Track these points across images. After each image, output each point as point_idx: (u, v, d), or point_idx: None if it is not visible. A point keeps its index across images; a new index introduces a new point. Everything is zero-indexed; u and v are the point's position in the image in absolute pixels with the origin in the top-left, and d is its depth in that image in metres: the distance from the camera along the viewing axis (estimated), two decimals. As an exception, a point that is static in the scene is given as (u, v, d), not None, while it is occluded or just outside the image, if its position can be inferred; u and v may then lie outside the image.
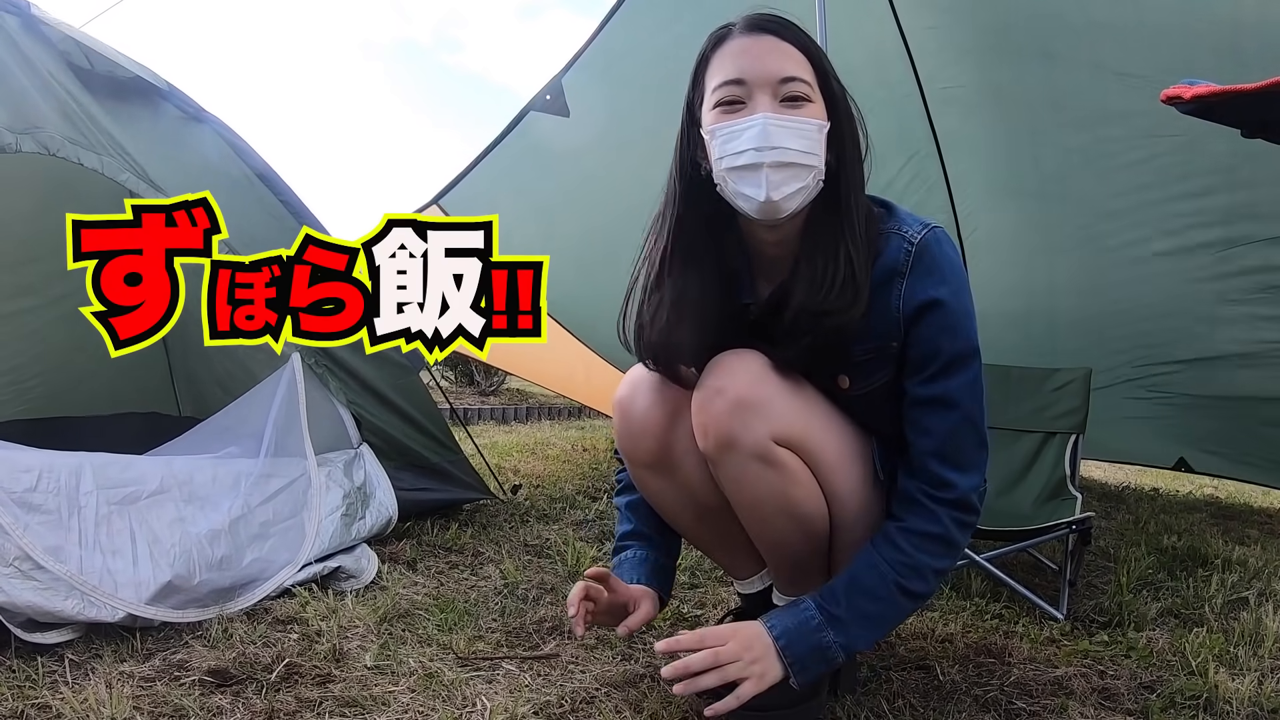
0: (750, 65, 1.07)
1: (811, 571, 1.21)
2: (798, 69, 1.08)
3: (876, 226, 1.13)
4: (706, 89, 1.11)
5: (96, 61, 1.83)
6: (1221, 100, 1.16)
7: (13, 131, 1.53)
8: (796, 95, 1.07)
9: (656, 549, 1.32)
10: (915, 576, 1.10)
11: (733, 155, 1.06)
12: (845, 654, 1.09)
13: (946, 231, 1.13)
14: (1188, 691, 1.34)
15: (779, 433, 1.09)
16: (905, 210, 1.16)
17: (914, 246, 1.10)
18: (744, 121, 1.05)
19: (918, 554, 1.10)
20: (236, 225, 1.92)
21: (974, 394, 1.11)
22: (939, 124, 3.10)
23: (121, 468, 1.56)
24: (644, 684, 1.28)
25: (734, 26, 1.12)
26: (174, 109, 1.99)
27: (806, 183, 1.06)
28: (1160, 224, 2.86)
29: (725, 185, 1.09)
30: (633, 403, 1.22)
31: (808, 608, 1.09)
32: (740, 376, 1.10)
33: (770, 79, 1.06)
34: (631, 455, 1.25)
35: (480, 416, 5.63)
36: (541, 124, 2.99)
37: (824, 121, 1.08)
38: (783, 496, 1.12)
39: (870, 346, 1.12)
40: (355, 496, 1.91)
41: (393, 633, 1.45)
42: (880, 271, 1.10)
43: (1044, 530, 1.84)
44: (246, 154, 2.07)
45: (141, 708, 1.13)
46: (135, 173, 1.73)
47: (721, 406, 1.09)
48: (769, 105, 1.05)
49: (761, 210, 1.06)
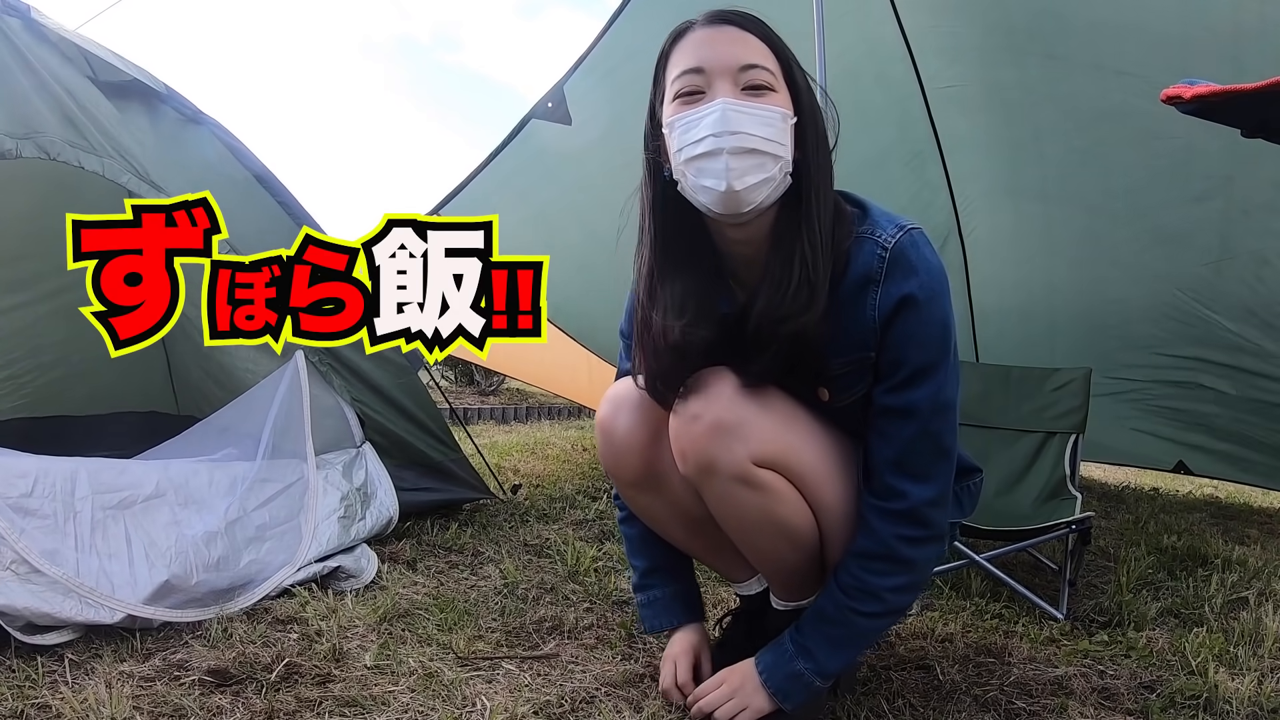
0: (710, 53, 1.03)
1: (807, 577, 1.20)
2: (759, 57, 1.03)
3: (847, 226, 1.08)
4: (666, 84, 1.07)
5: (96, 64, 1.84)
6: (1221, 100, 1.15)
7: (13, 137, 1.53)
8: (759, 84, 1.02)
9: (678, 578, 1.33)
10: (867, 599, 1.09)
11: (691, 144, 1.01)
12: (821, 678, 1.11)
13: (924, 233, 1.08)
14: (1188, 691, 1.34)
15: (758, 454, 1.07)
16: (882, 210, 1.10)
17: (888, 252, 1.04)
18: (703, 109, 1.01)
19: (865, 575, 1.09)
20: (236, 227, 1.92)
21: (937, 405, 1.06)
22: (940, 123, 3.10)
23: (117, 472, 1.56)
24: (644, 684, 1.28)
25: (694, 21, 1.08)
26: (172, 111, 1.99)
27: (772, 173, 1.01)
28: (1159, 224, 2.86)
29: (685, 180, 1.04)
30: (615, 422, 1.21)
31: (785, 639, 1.15)
32: (717, 399, 1.07)
33: (730, 66, 1.02)
34: (617, 474, 1.25)
35: (480, 416, 5.63)
36: (543, 131, 2.98)
37: (789, 112, 1.03)
38: (768, 516, 1.11)
39: (848, 359, 1.08)
40: (354, 498, 1.91)
41: (393, 632, 1.45)
42: (853, 280, 1.06)
43: (1044, 530, 1.84)
44: (244, 156, 2.07)
45: (141, 708, 1.13)
46: (137, 174, 1.73)
47: (699, 431, 1.07)
48: (730, 91, 1.01)
49: (723, 202, 1.01)
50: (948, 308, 1.08)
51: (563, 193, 3.22)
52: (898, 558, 1.08)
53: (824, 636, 1.11)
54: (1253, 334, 2.88)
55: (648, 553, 1.33)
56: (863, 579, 1.09)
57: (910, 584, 1.12)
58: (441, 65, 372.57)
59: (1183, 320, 3.02)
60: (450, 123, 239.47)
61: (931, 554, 1.13)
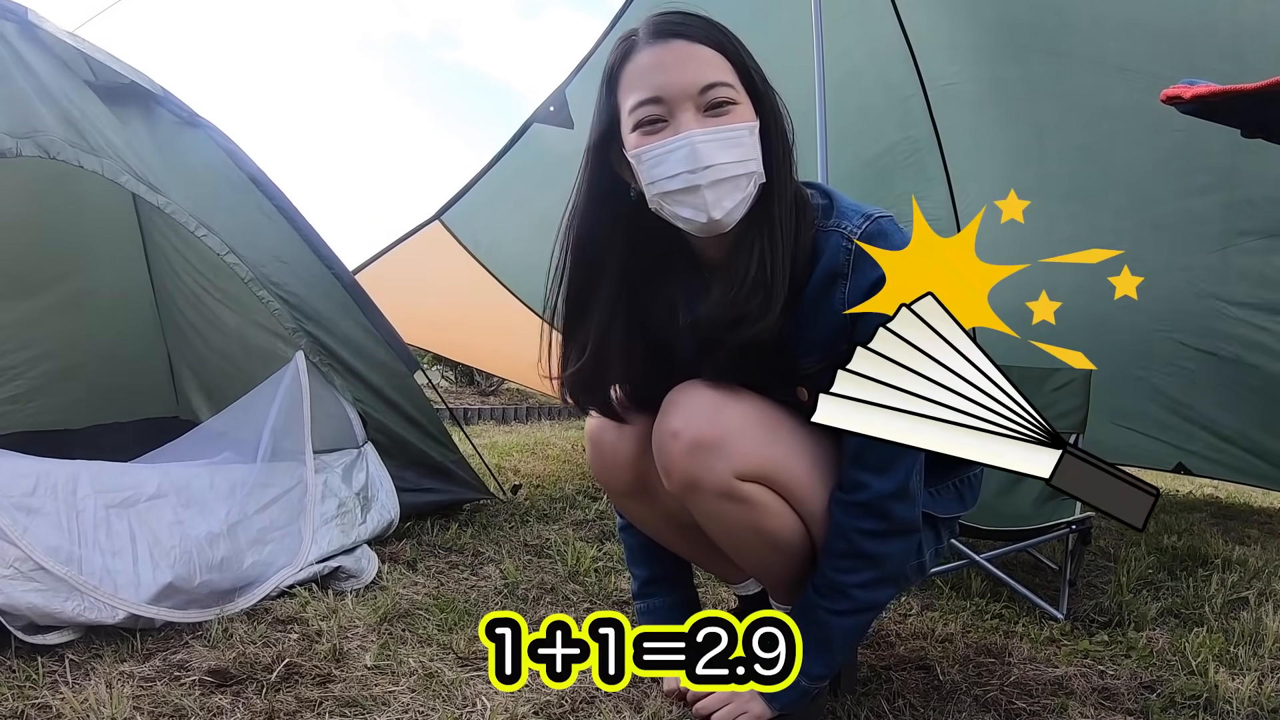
0: (665, 80, 0.99)
1: (802, 580, 1.19)
2: (717, 73, 1.00)
3: (809, 219, 1.06)
4: (622, 108, 1.04)
5: (94, 66, 1.84)
6: (1221, 100, 1.15)
7: (13, 136, 1.53)
8: (720, 101, 0.99)
9: (678, 587, 1.33)
10: (836, 597, 1.09)
11: (664, 180, 1.00)
12: (807, 679, 1.10)
13: (894, 220, 1.05)
14: (1188, 691, 1.34)
15: (741, 468, 1.06)
16: (849, 202, 1.08)
17: (854, 245, 1.02)
18: (669, 143, 0.99)
19: (832, 573, 1.09)
20: (235, 228, 1.94)
21: None
22: (940, 121, 3.10)
23: (118, 474, 1.57)
24: (644, 684, 1.28)
25: (638, 34, 1.03)
26: (169, 114, 2.00)
27: (748, 190, 1.01)
28: (1160, 223, 2.85)
29: (661, 209, 1.03)
30: (603, 435, 1.21)
31: None
32: (696, 416, 1.06)
33: (689, 91, 0.99)
34: (608, 485, 1.25)
35: (480, 416, 5.63)
36: (546, 135, 2.97)
37: (753, 121, 1.02)
38: (756, 528, 1.10)
39: (820, 355, 1.06)
40: (354, 502, 1.91)
41: (393, 633, 1.45)
42: (820, 276, 1.04)
43: (1044, 530, 1.84)
44: (240, 159, 2.08)
45: (141, 708, 1.13)
46: (134, 175, 1.73)
47: (679, 450, 1.06)
48: (693, 120, 0.98)
49: (704, 230, 1.01)
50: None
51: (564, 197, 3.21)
52: (861, 553, 1.07)
53: (806, 637, 1.09)
54: (1256, 332, 2.87)
55: (647, 562, 1.33)
56: (830, 577, 1.09)
57: (878, 580, 1.09)
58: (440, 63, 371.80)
59: (1184, 318, 3.02)
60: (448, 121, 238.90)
61: (898, 549, 1.10)
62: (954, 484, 1.25)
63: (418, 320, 3.23)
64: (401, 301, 2.86)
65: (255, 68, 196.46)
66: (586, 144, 1.11)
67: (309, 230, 2.13)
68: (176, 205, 1.81)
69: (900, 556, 1.12)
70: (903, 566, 1.14)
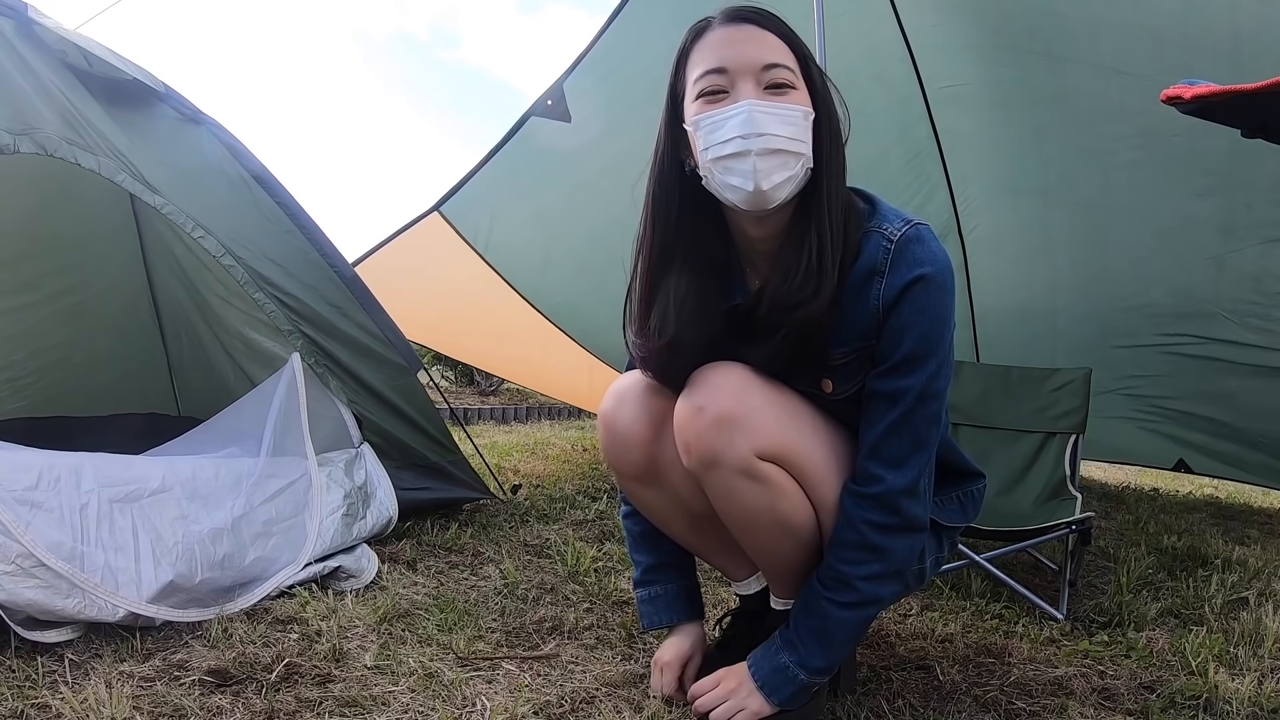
0: (731, 53, 1.05)
1: (807, 573, 1.20)
2: (780, 56, 1.05)
3: (856, 219, 1.10)
4: (688, 82, 1.09)
5: (94, 63, 1.83)
6: (1221, 100, 1.16)
7: (11, 133, 1.53)
8: (780, 82, 1.04)
9: (681, 574, 1.34)
10: (841, 588, 1.10)
11: (719, 145, 1.03)
12: (806, 672, 1.12)
13: (931, 229, 1.09)
14: (1188, 691, 1.34)
15: (762, 447, 1.08)
16: (890, 207, 1.13)
17: (893, 244, 1.06)
18: (729, 110, 1.03)
19: (838, 564, 1.10)
20: (235, 227, 1.94)
21: (924, 394, 1.07)
22: (940, 122, 3.10)
23: (123, 467, 1.56)
24: (644, 684, 1.28)
25: (713, 19, 1.09)
26: (171, 111, 1.99)
27: (795, 171, 1.04)
28: (1160, 223, 2.86)
29: (712, 177, 1.06)
30: (617, 416, 1.22)
31: (775, 635, 1.17)
32: (722, 392, 1.08)
33: (753, 66, 1.04)
34: (619, 468, 1.26)
35: (480, 416, 5.63)
36: (543, 129, 2.97)
37: (809, 109, 1.06)
38: (770, 510, 1.11)
39: (850, 349, 1.10)
40: (356, 496, 1.91)
41: (393, 633, 1.45)
42: (859, 271, 1.08)
43: (1044, 530, 1.84)
44: (242, 155, 2.07)
45: (141, 708, 1.13)
46: (131, 174, 1.73)
47: (703, 424, 1.08)
48: (753, 92, 1.03)
49: (750, 200, 1.04)
50: (949, 301, 1.09)
51: (562, 191, 3.22)
52: (868, 544, 1.09)
53: (807, 629, 1.12)
54: (1254, 332, 2.88)
55: (650, 549, 1.34)
56: (836, 568, 1.10)
57: (883, 573, 1.11)
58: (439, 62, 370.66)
59: (1184, 317, 3.02)
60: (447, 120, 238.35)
61: (904, 545, 1.12)
62: (958, 495, 1.27)
63: (418, 317, 3.23)
64: (402, 296, 2.85)
65: (254, 68, 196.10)
66: (659, 124, 1.14)
67: (312, 227, 2.11)
68: (174, 206, 1.80)
69: (906, 553, 1.13)
70: (907, 563, 1.15)
